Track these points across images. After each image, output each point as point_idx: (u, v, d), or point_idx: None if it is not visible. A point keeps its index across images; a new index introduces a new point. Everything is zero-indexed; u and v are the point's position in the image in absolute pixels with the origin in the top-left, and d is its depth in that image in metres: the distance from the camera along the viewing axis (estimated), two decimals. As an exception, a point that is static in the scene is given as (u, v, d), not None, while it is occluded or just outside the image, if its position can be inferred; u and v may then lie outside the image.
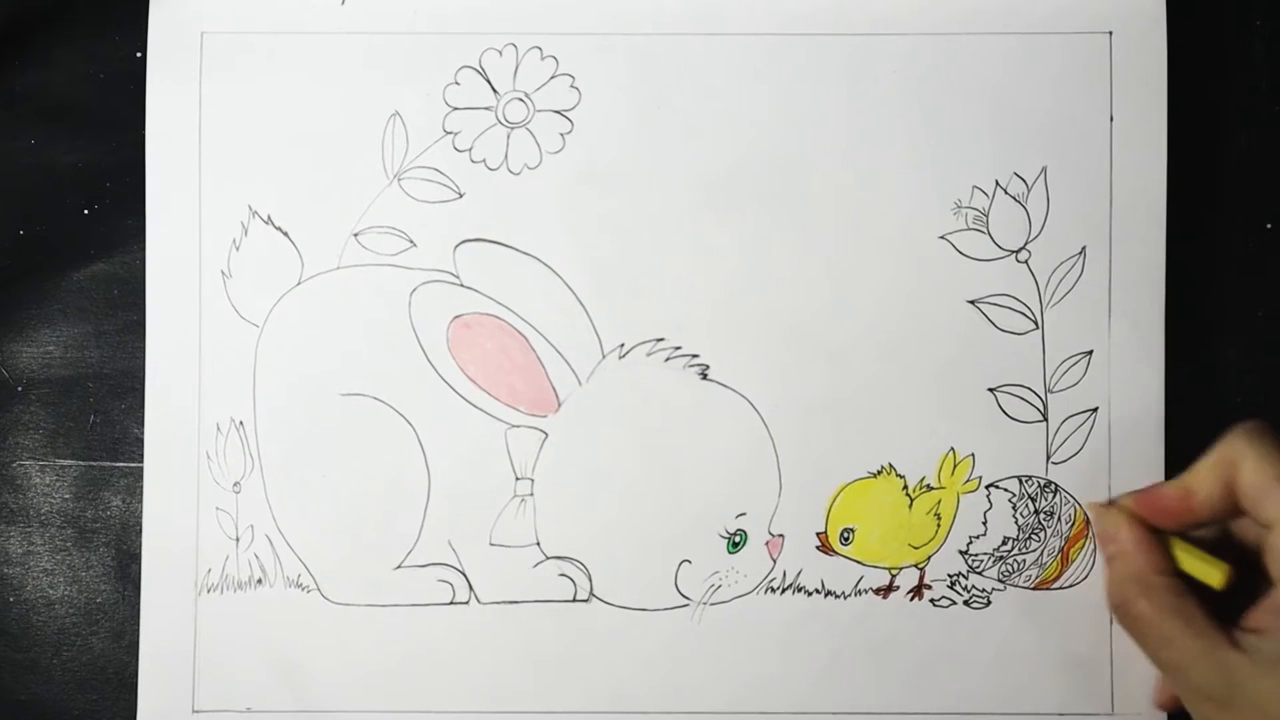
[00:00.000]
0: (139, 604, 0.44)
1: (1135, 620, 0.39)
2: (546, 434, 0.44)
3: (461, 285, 0.44)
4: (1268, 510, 0.37)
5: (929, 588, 0.44)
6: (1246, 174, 0.46)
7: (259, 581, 0.44)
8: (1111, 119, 0.44)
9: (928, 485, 0.44)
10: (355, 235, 0.44)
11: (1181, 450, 0.44)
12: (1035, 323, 0.44)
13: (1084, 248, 0.44)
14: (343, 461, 0.44)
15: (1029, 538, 0.44)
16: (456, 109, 0.44)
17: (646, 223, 0.44)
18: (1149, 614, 0.38)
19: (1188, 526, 0.40)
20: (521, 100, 0.44)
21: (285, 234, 0.44)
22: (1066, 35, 0.44)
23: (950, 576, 0.44)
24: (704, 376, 0.44)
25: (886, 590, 0.44)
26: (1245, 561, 0.40)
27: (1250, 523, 0.39)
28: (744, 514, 0.44)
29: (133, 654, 0.44)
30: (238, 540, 0.44)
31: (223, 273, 0.45)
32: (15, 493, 0.46)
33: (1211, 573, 0.39)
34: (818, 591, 0.44)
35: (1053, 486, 0.44)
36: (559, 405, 0.44)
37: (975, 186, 0.44)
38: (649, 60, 0.44)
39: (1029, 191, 0.44)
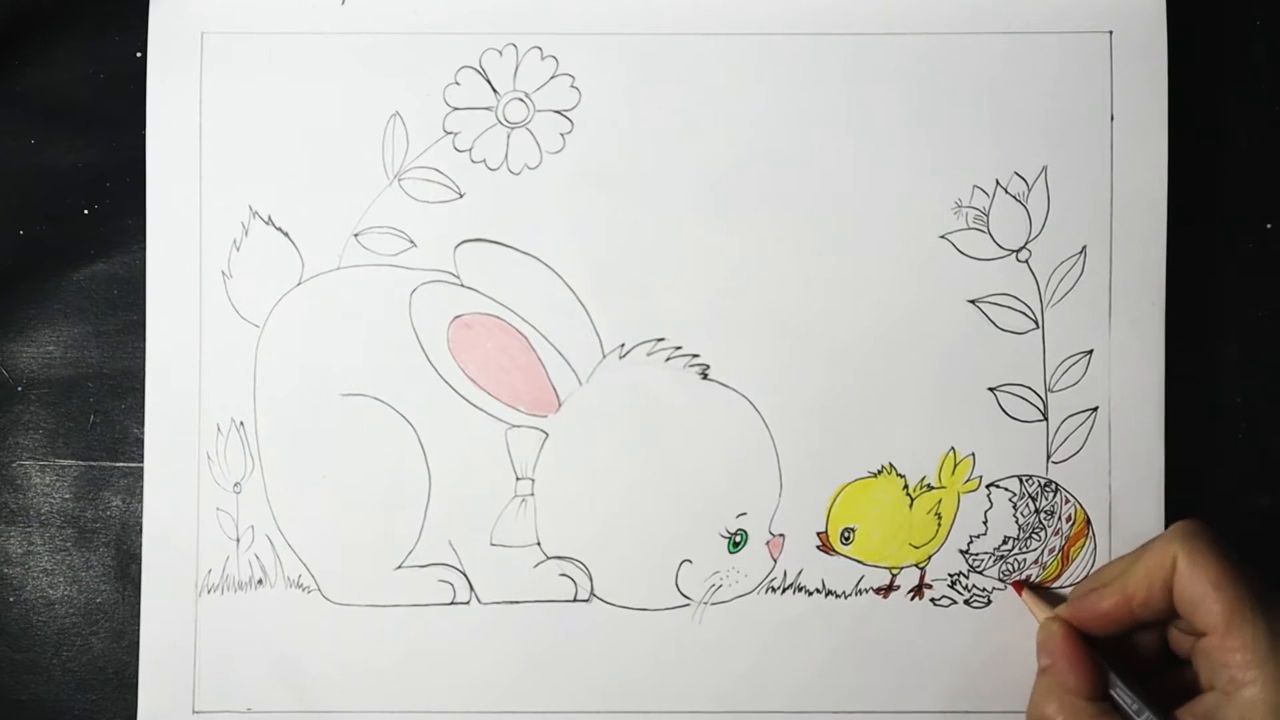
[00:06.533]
0: (139, 604, 0.44)
1: None
2: (547, 434, 0.44)
3: (462, 285, 0.44)
4: (1201, 618, 0.37)
5: (929, 587, 0.44)
6: (1246, 174, 0.46)
7: (259, 582, 0.44)
8: (1112, 118, 0.44)
9: (928, 485, 0.44)
10: (355, 235, 0.44)
11: (1181, 450, 0.44)
12: (1035, 322, 0.44)
13: (1084, 247, 0.44)
14: (343, 462, 0.44)
15: (1029, 537, 0.44)
16: (456, 109, 0.44)
17: (646, 222, 0.44)
18: None
19: (1128, 629, 0.40)
20: (521, 100, 0.44)
21: (285, 234, 0.44)
22: (1066, 35, 0.44)
23: (951, 576, 0.44)
24: (704, 376, 0.44)
25: (887, 590, 0.44)
26: (1178, 656, 0.40)
27: (1184, 622, 0.38)
28: (744, 514, 0.44)
29: (133, 654, 0.44)
30: (238, 541, 0.44)
31: (223, 273, 0.45)
32: (15, 493, 0.46)
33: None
34: (818, 591, 0.44)
35: (1053, 486, 0.44)
36: (559, 405, 0.44)
37: (975, 186, 0.44)
38: (649, 60, 0.44)
39: (1029, 191, 0.44)
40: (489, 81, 0.44)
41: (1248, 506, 0.46)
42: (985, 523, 0.44)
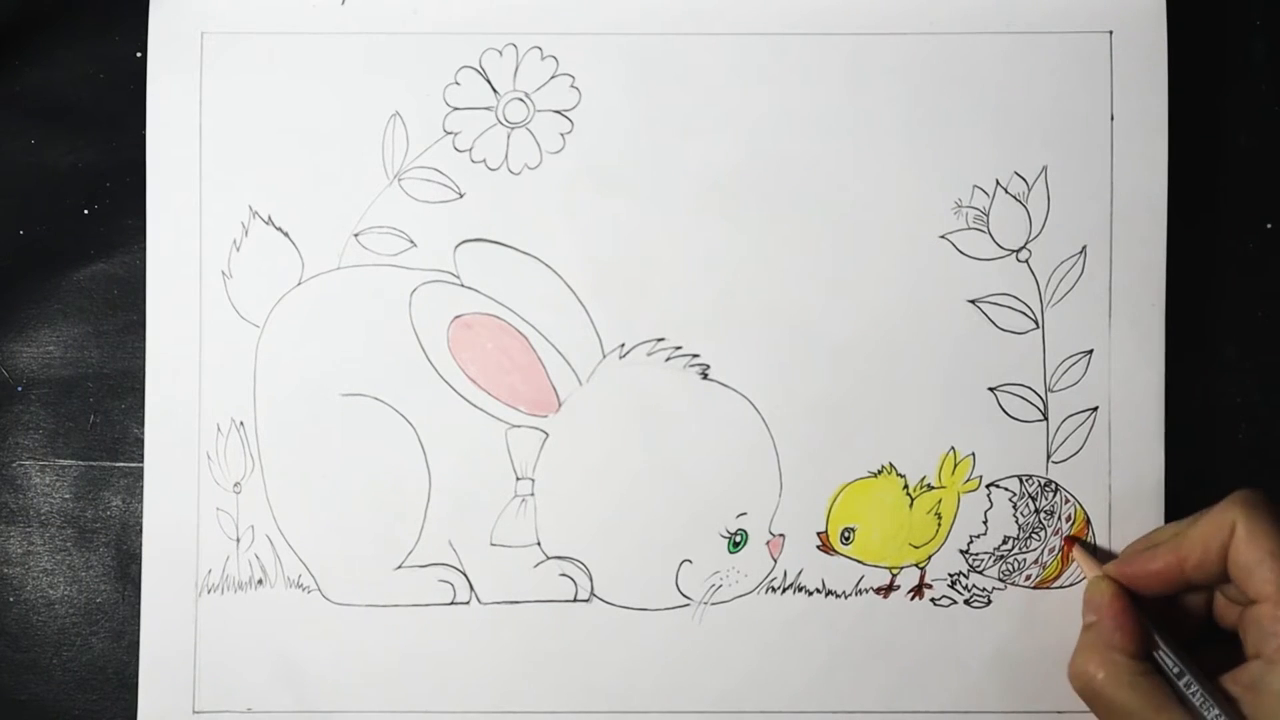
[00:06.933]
0: (139, 604, 0.44)
1: (1093, 692, 0.39)
2: (547, 434, 0.44)
3: (462, 285, 0.44)
4: (1255, 585, 0.37)
5: (929, 587, 0.44)
6: (1246, 174, 0.46)
7: (259, 582, 0.44)
8: (1112, 118, 0.44)
9: (928, 484, 0.44)
10: (355, 235, 0.44)
11: (1181, 450, 0.44)
12: (1035, 322, 0.44)
13: (1084, 247, 0.44)
14: (343, 462, 0.44)
15: (1029, 537, 0.44)
16: (456, 109, 0.44)
17: (646, 222, 0.44)
18: (1107, 686, 0.38)
19: (1176, 590, 0.40)
20: (521, 100, 0.44)
21: (285, 234, 0.44)
22: (1066, 35, 0.44)
23: (951, 576, 0.44)
24: (704, 376, 0.44)
25: (887, 590, 0.44)
26: (1220, 627, 0.40)
27: (1234, 589, 0.38)
28: (745, 513, 0.44)
29: (133, 654, 0.44)
30: (238, 541, 0.44)
31: (223, 273, 0.45)
32: (15, 493, 0.46)
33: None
34: (818, 591, 0.44)
35: (1053, 486, 0.44)
36: (559, 405, 0.44)
37: (976, 186, 0.44)
38: (649, 60, 0.44)
39: (1029, 191, 0.44)
40: (489, 81, 0.44)
41: (1248, 506, 0.46)
42: (985, 522, 0.44)
